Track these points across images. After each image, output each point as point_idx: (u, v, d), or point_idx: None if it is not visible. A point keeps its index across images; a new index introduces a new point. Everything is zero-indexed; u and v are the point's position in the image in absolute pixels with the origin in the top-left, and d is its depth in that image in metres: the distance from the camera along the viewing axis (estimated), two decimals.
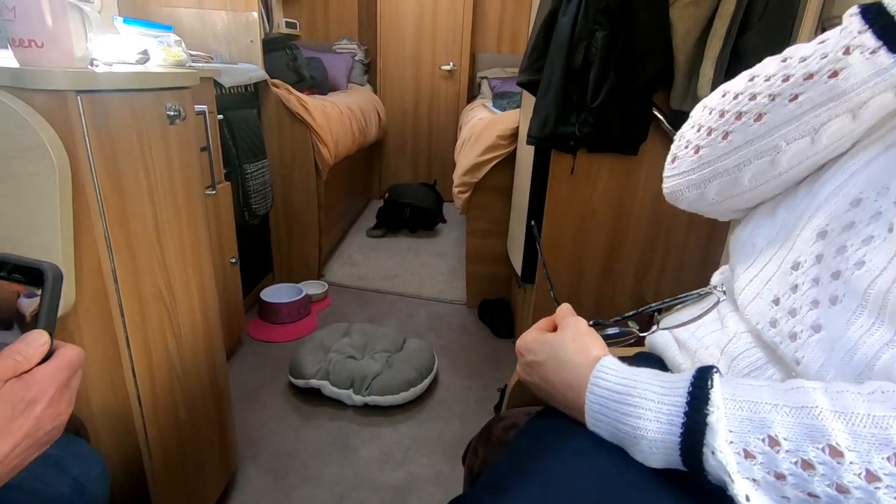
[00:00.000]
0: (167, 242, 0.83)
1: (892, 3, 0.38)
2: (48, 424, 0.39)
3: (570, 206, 1.47)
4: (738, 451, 0.35)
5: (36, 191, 0.61)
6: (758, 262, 0.48)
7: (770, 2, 1.10)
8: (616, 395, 0.41)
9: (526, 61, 1.37)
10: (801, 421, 0.34)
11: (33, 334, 0.40)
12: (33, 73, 0.60)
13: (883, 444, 0.31)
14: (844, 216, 0.41)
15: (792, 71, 0.43)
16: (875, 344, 0.36)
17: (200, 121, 1.25)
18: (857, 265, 0.38)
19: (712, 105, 0.50)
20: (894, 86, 0.39)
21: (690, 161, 0.52)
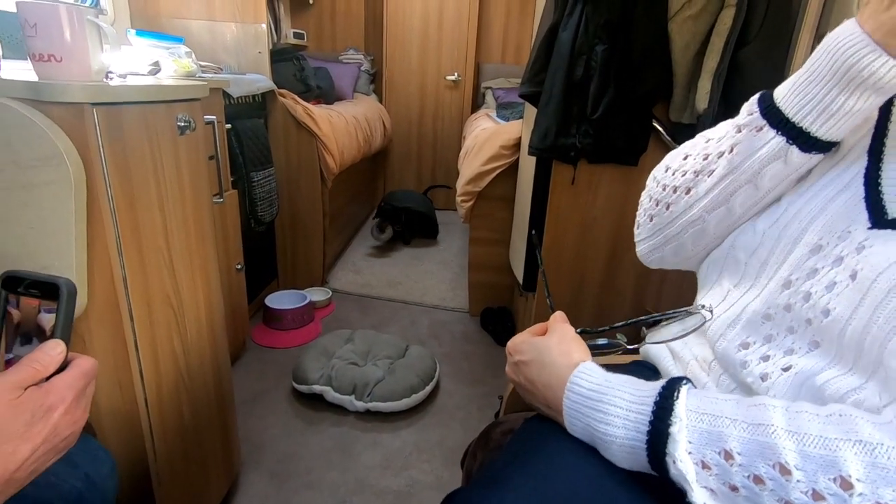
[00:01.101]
0: (175, 248, 0.85)
1: (778, 91, 0.45)
2: (65, 430, 0.41)
3: (571, 215, 1.49)
4: (696, 462, 0.36)
5: (52, 199, 0.63)
6: (726, 302, 0.50)
7: (767, 17, 1.12)
8: (589, 400, 0.43)
9: (527, 73, 1.39)
10: (755, 438, 0.35)
11: (50, 344, 0.42)
12: (52, 86, 0.63)
13: (829, 466, 0.32)
14: (806, 264, 0.42)
15: (709, 150, 0.50)
16: (845, 387, 0.37)
17: (209, 130, 1.28)
18: (823, 313, 0.39)
19: (658, 178, 0.57)
20: (780, 156, 0.44)
21: (647, 228, 0.59)
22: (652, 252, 0.59)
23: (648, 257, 0.61)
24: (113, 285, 0.72)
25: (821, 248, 0.41)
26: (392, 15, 3.49)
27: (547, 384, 0.48)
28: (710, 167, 0.49)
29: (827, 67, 0.40)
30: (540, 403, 0.50)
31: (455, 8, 3.45)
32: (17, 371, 0.40)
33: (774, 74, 1.16)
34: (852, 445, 0.32)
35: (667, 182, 0.54)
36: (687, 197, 0.52)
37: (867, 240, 0.38)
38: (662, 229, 0.56)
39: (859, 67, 0.38)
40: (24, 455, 0.37)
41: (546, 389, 0.48)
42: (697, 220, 0.52)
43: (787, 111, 0.43)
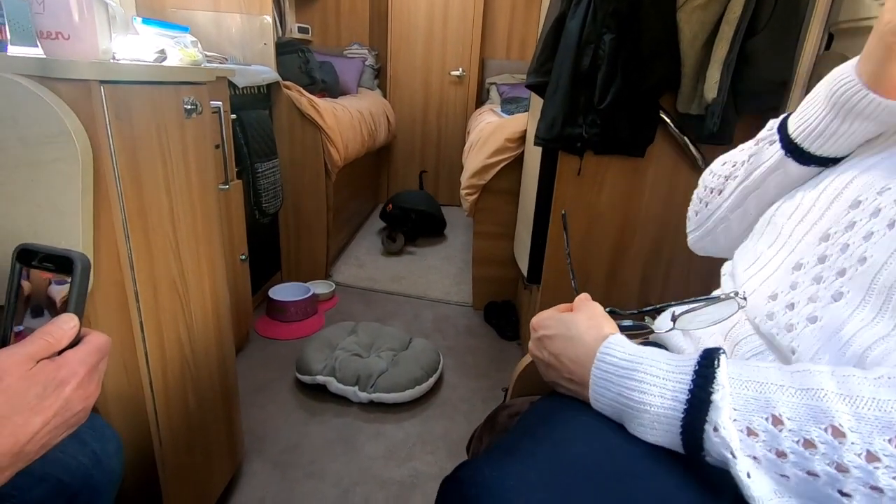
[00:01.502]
0: (181, 233, 0.85)
1: (794, 114, 0.52)
2: (77, 405, 0.40)
3: (577, 207, 1.48)
4: (741, 429, 0.36)
5: (60, 176, 0.63)
6: (758, 262, 0.51)
7: (777, 6, 1.11)
8: (622, 369, 0.43)
9: (534, 64, 1.39)
10: (806, 402, 0.35)
11: (63, 317, 0.42)
12: (59, 63, 0.62)
13: (886, 427, 0.32)
14: (845, 218, 0.43)
15: (738, 158, 0.59)
16: (871, 337, 0.37)
17: (216, 118, 1.28)
18: (860, 261, 0.40)
19: (705, 178, 0.66)
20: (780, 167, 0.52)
21: (693, 221, 0.68)
22: (696, 242, 0.69)
23: (695, 246, 0.70)
24: (119, 266, 0.72)
25: (859, 203, 0.43)
26: (397, 10, 3.49)
27: (573, 357, 0.48)
28: (735, 172, 0.58)
29: (824, 96, 0.48)
30: (563, 379, 0.49)
31: (460, 4, 3.44)
32: (30, 343, 0.39)
33: (784, 64, 1.15)
34: None
35: (707, 183, 0.64)
36: (719, 197, 0.61)
37: None
38: (703, 223, 0.65)
39: (841, 93, 0.46)
40: (36, 428, 0.37)
41: (572, 363, 0.48)
42: (724, 218, 0.61)
43: (789, 129, 0.51)
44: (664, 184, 1.43)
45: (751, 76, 1.15)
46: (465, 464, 0.43)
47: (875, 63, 0.43)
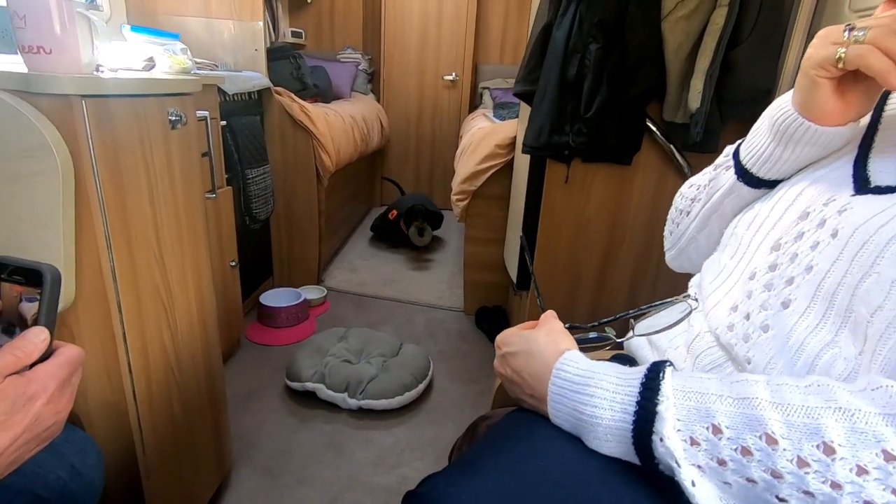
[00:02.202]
0: (166, 242, 0.86)
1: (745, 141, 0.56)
2: (48, 420, 0.40)
3: (566, 214, 1.49)
4: (684, 439, 0.37)
5: (40, 190, 0.63)
6: (722, 274, 0.53)
7: (760, 17, 1.13)
8: (575, 385, 0.44)
9: (522, 72, 1.40)
10: (742, 411, 0.36)
11: (33, 331, 0.41)
12: (41, 78, 0.63)
13: (813, 433, 0.33)
14: (794, 228, 0.45)
15: (702, 181, 0.63)
16: (818, 344, 0.39)
17: (202, 126, 1.28)
18: (806, 270, 0.42)
19: (676, 200, 0.70)
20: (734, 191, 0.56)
21: (668, 240, 0.72)
22: (673, 260, 0.72)
23: (672, 263, 0.73)
24: (101, 276, 0.72)
25: (808, 214, 0.45)
26: (390, 15, 3.50)
27: (533, 373, 0.49)
28: (699, 195, 0.62)
29: (767, 125, 0.52)
30: (525, 395, 0.50)
31: (453, 9, 3.46)
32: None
33: (767, 74, 1.17)
34: (832, 413, 0.33)
35: (677, 205, 0.68)
36: (687, 219, 0.65)
37: (849, 203, 0.42)
38: (677, 242, 0.69)
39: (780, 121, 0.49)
40: (5, 444, 0.37)
41: (532, 378, 0.49)
42: (693, 238, 0.65)
43: (741, 155, 0.55)
44: (651, 191, 1.45)
45: (734, 85, 1.17)
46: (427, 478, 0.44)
47: (803, 92, 0.46)
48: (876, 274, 0.36)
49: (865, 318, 0.36)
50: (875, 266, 0.37)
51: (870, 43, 0.39)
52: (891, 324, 0.35)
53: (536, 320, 0.57)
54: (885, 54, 0.38)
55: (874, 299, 0.36)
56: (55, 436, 0.42)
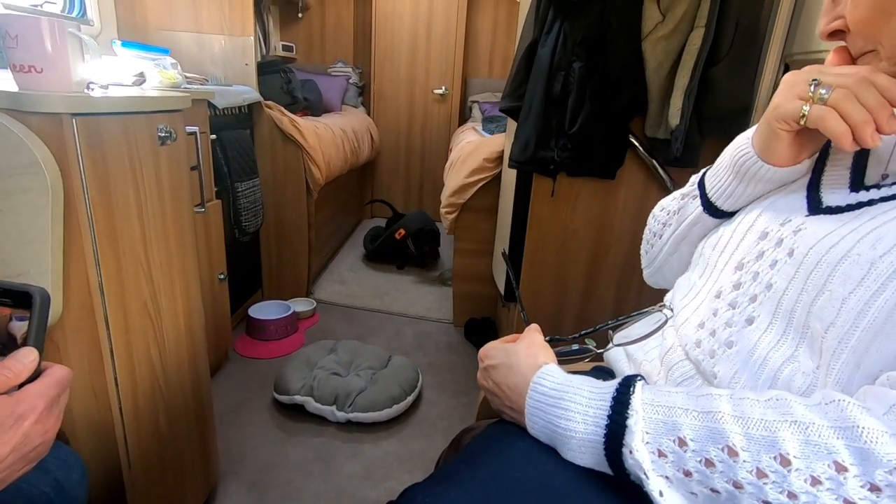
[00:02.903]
0: (154, 257, 0.86)
1: (708, 172, 0.59)
2: (36, 440, 0.40)
3: (552, 226, 1.52)
4: (652, 451, 0.39)
5: (29, 206, 0.64)
6: (691, 292, 0.55)
7: (736, 38, 1.17)
8: (551, 398, 0.45)
9: (508, 88, 1.43)
10: (706, 424, 0.38)
11: (23, 351, 0.41)
12: (31, 96, 0.64)
13: (770, 446, 0.35)
14: (755, 248, 0.48)
15: (672, 206, 0.65)
16: (779, 359, 0.41)
17: (192, 141, 1.29)
18: (767, 287, 0.44)
19: (649, 222, 0.73)
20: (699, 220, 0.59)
21: (644, 260, 0.75)
22: (650, 277, 0.75)
23: (649, 280, 0.76)
24: (89, 292, 0.73)
25: (767, 235, 0.48)
26: (381, 29, 3.55)
27: (512, 386, 0.50)
28: (669, 221, 0.65)
29: (728, 161, 0.55)
30: (505, 407, 0.51)
31: (443, 23, 3.51)
32: None
33: (743, 92, 1.21)
34: (789, 426, 0.35)
35: (651, 227, 0.71)
36: (659, 241, 0.68)
37: (803, 224, 0.45)
38: (652, 262, 0.72)
39: (741, 162, 0.52)
40: None
41: (511, 391, 0.50)
42: (666, 260, 0.68)
43: (706, 186, 0.58)
44: (635, 204, 1.48)
45: (713, 102, 1.20)
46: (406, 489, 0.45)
47: (763, 140, 0.49)
48: (828, 292, 0.39)
49: (820, 333, 0.38)
50: (827, 284, 0.39)
51: (832, 106, 0.42)
52: (842, 340, 0.37)
53: (520, 333, 0.59)
54: (844, 118, 0.41)
55: (827, 316, 0.38)
56: (42, 456, 0.42)
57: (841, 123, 0.41)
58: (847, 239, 0.40)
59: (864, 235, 0.39)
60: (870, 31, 0.42)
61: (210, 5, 1.95)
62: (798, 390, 0.40)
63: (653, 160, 1.38)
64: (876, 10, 0.40)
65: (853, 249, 0.39)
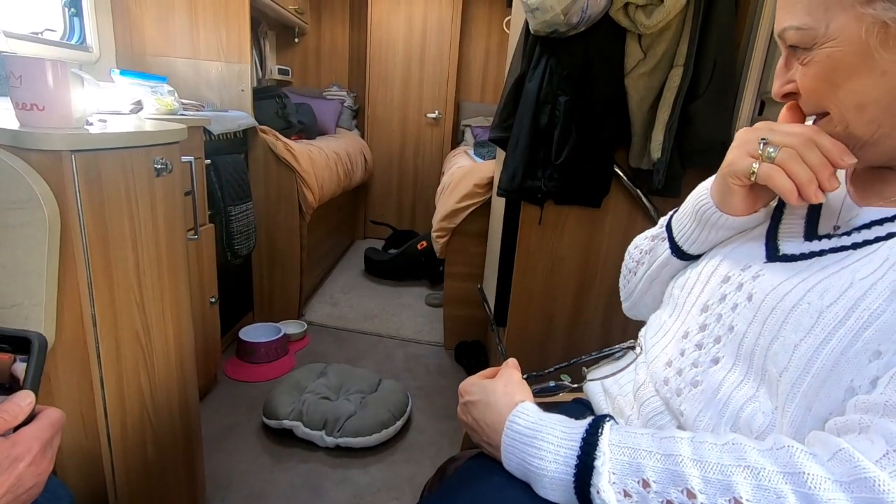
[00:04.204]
0: (147, 285, 0.88)
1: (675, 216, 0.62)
2: (29, 481, 0.41)
3: (540, 254, 1.55)
4: (618, 491, 0.41)
5: (26, 240, 0.66)
6: (661, 330, 0.58)
7: (714, 75, 1.22)
8: (525, 437, 0.47)
9: (497, 119, 1.47)
10: (667, 466, 0.40)
11: (21, 394, 0.43)
12: (32, 135, 0.66)
13: (726, 489, 0.37)
14: (719, 291, 0.51)
15: (645, 246, 0.68)
16: (741, 398, 0.43)
17: (186, 168, 1.32)
18: (729, 329, 0.47)
19: (625, 259, 0.75)
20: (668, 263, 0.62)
21: (622, 294, 0.77)
22: (628, 310, 0.78)
23: (628, 313, 0.79)
24: (81, 323, 0.74)
25: (729, 279, 0.51)
26: (375, 53, 3.62)
27: (490, 423, 0.52)
28: (642, 259, 0.68)
29: (691, 208, 0.58)
30: (484, 442, 0.53)
31: (436, 48, 3.59)
32: None
33: (722, 126, 1.26)
34: (742, 470, 0.37)
35: (627, 263, 0.74)
36: (634, 278, 0.70)
37: (761, 270, 0.48)
38: (629, 297, 0.74)
39: (702, 212, 0.56)
40: None
41: (488, 428, 0.52)
42: (641, 297, 0.70)
43: (673, 230, 0.62)
44: (621, 231, 1.51)
45: (693, 136, 1.25)
46: None
47: (720, 193, 0.53)
48: (782, 338, 0.41)
49: (775, 377, 0.41)
50: (781, 330, 0.42)
51: (778, 164, 0.45)
52: (794, 384, 0.39)
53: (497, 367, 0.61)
54: (789, 176, 0.44)
55: (781, 361, 0.41)
56: (34, 498, 0.43)
57: (787, 181, 0.44)
58: (798, 288, 0.42)
59: (813, 286, 0.42)
60: (819, 99, 0.45)
61: (207, 32, 2.00)
62: (758, 429, 0.42)
63: (637, 189, 1.42)
64: (824, 80, 0.44)
65: (804, 298, 0.41)
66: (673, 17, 1.19)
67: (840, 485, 0.34)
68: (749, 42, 1.25)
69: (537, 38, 1.33)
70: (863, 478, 0.33)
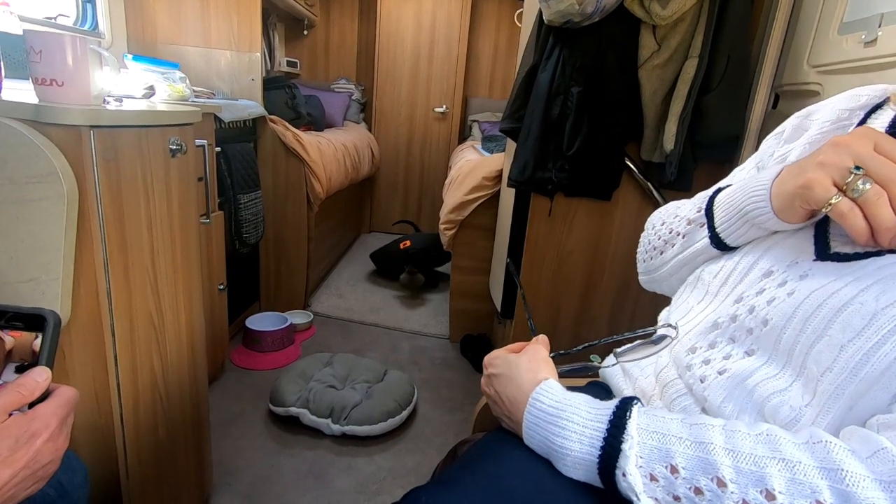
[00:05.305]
0: (161, 267, 0.88)
1: (719, 198, 0.58)
2: (46, 457, 0.41)
3: (548, 246, 1.54)
4: (645, 475, 0.40)
5: (44, 214, 0.66)
6: (688, 315, 0.57)
7: (728, 68, 1.21)
8: (549, 416, 0.47)
9: (508, 110, 1.47)
10: (698, 454, 0.39)
11: (37, 370, 0.43)
12: (52, 109, 0.67)
13: (758, 480, 0.36)
14: (758, 285, 0.49)
15: (675, 226, 0.65)
16: (770, 389, 0.42)
17: (199, 152, 1.32)
18: (762, 323, 0.45)
19: (648, 233, 0.72)
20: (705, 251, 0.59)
21: (642, 268, 0.74)
22: (646, 284, 0.75)
23: (645, 286, 0.76)
24: (97, 300, 0.74)
25: (771, 273, 0.48)
26: (384, 48, 3.62)
27: (512, 398, 0.52)
28: (674, 241, 0.64)
29: (739, 201, 0.54)
30: (503, 415, 0.53)
31: (445, 44, 3.59)
32: (3, 395, 0.40)
33: (734, 120, 1.25)
34: (777, 463, 0.36)
35: (650, 239, 0.70)
36: (661, 258, 0.67)
37: (810, 269, 0.45)
38: (649, 273, 0.71)
39: (754, 215, 0.51)
40: (4, 480, 0.38)
41: (510, 403, 0.52)
42: (666, 279, 0.68)
43: (715, 221, 0.57)
44: (631, 225, 1.51)
45: (705, 130, 1.24)
46: (410, 491, 0.46)
47: (782, 207, 0.47)
48: (827, 337, 0.40)
49: (816, 376, 0.40)
50: (827, 329, 0.40)
51: (861, 203, 0.39)
52: (839, 386, 0.38)
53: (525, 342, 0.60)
54: (868, 218, 0.39)
55: (824, 361, 0.39)
56: (51, 475, 0.43)
57: (863, 223, 0.39)
58: (850, 287, 0.40)
59: (868, 285, 0.39)
60: None
61: (219, 21, 2.00)
62: (782, 421, 0.41)
63: (648, 183, 1.41)
64: None
65: (856, 298, 0.39)
66: (688, 7, 1.18)
67: (880, 483, 0.33)
68: (764, 35, 1.24)
69: (550, 29, 1.33)
70: None
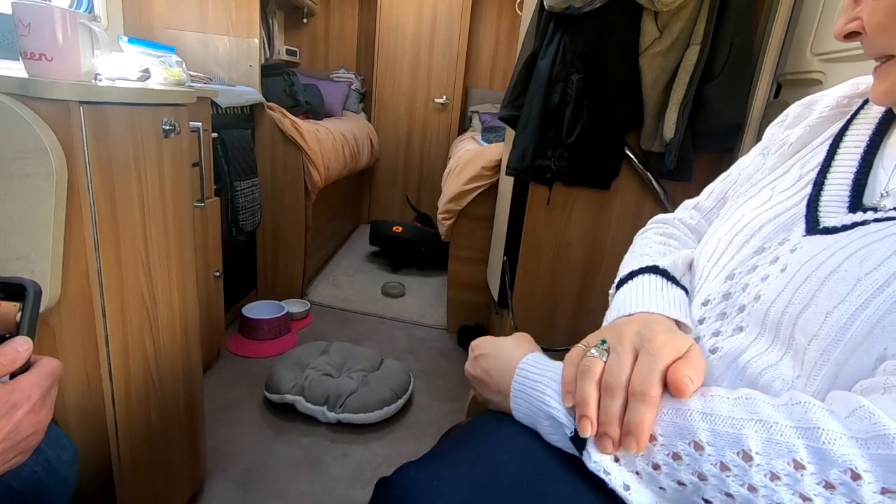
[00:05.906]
0: (153, 249, 0.87)
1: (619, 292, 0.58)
2: (28, 429, 0.40)
3: (546, 235, 1.53)
4: None
5: (33, 191, 0.65)
6: None
7: (730, 56, 1.20)
8: (533, 381, 0.48)
9: (507, 98, 1.45)
10: (675, 420, 0.39)
11: (17, 340, 0.42)
12: (41, 83, 0.65)
13: (735, 442, 0.36)
14: (749, 261, 0.49)
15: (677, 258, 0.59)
16: (762, 365, 0.42)
17: (194, 137, 1.31)
18: (755, 299, 0.45)
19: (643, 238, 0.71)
20: None
21: None
22: None
23: None
24: (87, 279, 0.73)
25: (763, 250, 0.48)
26: (384, 38, 3.59)
27: (500, 368, 0.53)
28: None
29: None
30: (492, 392, 0.53)
31: (446, 34, 3.56)
32: None
33: (736, 109, 1.24)
34: (753, 424, 0.36)
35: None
36: None
37: (799, 243, 0.45)
38: None
39: None
40: None
41: (498, 375, 0.52)
42: None
43: None
44: (629, 215, 1.50)
45: (706, 119, 1.23)
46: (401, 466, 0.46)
47: None
48: (814, 306, 0.40)
49: (803, 345, 0.39)
50: (814, 299, 0.40)
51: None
52: (824, 352, 0.38)
53: None
54: None
55: (810, 329, 0.39)
56: (34, 447, 0.42)
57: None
58: (836, 256, 0.41)
59: (852, 253, 0.40)
60: (886, 38, 0.41)
61: (217, 7, 1.98)
62: (774, 395, 0.41)
63: (647, 172, 1.40)
64: (894, 16, 0.40)
65: (841, 266, 0.40)
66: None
67: (856, 441, 0.33)
68: (767, 23, 1.22)
69: (551, 15, 1.31)
70: (881, 434, 0.32)
